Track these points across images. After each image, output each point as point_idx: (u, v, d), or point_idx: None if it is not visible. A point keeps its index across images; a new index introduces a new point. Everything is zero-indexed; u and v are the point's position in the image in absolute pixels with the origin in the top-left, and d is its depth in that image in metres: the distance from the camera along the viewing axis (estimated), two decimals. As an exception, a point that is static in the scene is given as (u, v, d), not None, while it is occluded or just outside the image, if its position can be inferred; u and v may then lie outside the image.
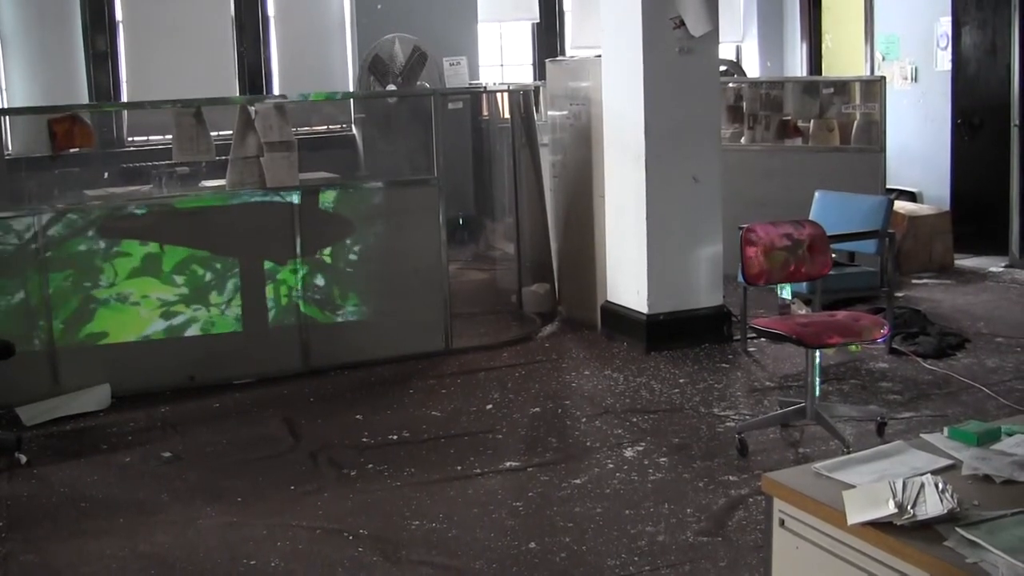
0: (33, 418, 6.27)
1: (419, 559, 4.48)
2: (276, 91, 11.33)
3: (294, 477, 5.41)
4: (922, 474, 2.72)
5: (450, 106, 10.90)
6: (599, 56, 7.62)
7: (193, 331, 6.82)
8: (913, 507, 2.56)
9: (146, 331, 6.73)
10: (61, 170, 9.28)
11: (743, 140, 9.79)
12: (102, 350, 6.65)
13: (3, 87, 10.41)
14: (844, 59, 12.28)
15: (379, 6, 11.51)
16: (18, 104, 10.39)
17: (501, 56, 12.83)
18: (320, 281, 7.08)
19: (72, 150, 6.99)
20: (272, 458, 5.70)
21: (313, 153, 9.72)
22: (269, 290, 6.97)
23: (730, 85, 10.17)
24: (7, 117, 10.12)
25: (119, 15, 10.81)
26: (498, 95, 10.57)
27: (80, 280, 6.57)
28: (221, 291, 6.86)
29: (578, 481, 5.21)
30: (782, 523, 2.90)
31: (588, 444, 5.72)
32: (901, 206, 9.55)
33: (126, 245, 6.65)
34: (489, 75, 12.48)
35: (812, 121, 9.68)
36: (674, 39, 7.14)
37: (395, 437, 5.93)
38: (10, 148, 10.17)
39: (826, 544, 2.73)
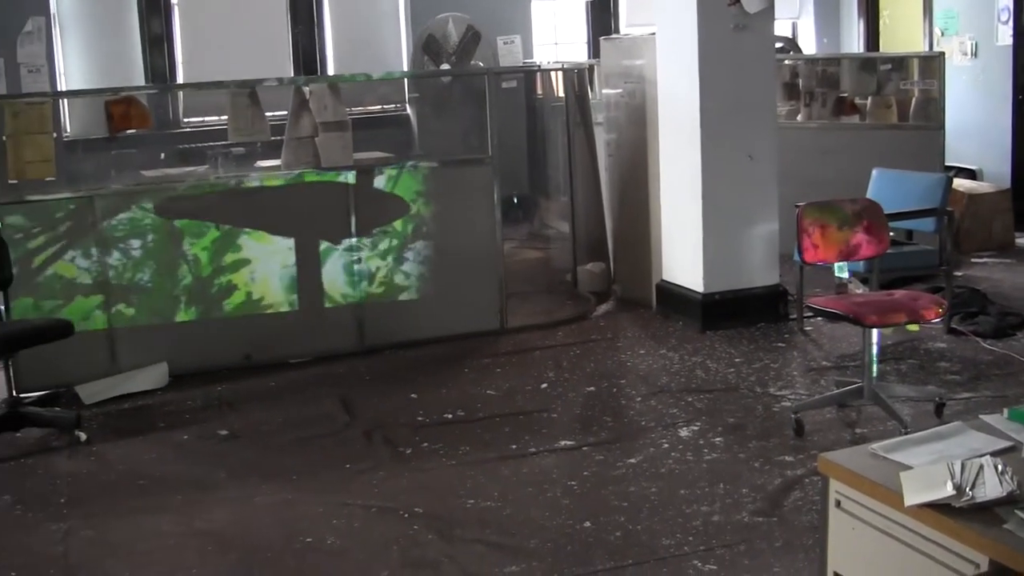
0: (92, 396, 6.35)
1: (473, 537, 4.50)
2: (331, 72, 11.37)
3: (349, 455, 5.44)
4: (981, 455, 2.70)
5: (504, 85, 10.89)
6: (653, 34, 7.57)
7: (249, 310, 6.87)
8: (972, 489, 2.54)
9: (203, 310, 6.79)
10: (118, 151, 9.41)
11: (799, 118, 9.70)
12: (160, 329, 6.72)
13: (61, 70, 10.52)
14: (902, 35, 12.13)
15: (433, -15, 11.52)
16: (75, 86, 10.51)
17: (555, 34, 12.79)
18: (375, 260, 7.11)
19: (129, 131, 7.07)
20: (327, 436, 5.74)
21: (367, 133, 9.75)
22: (324, 269, 7.01)
23: (786, 62, 10.08)
24: (65, 99, 10.26)
25: (175, -2, 10.91)
26: (552, 74, 10.55)
27: (136, 260, 6.63)
28: (277, 271, 6.90)
29: (633, 460, 5.20)
30: (838, 504, 2.88)
31: (643, 423, 5.71)
32: (960, 184, 9.42)
33: (182, 225, 6.71)
34: (543, 54, 12.45)
35: (869, 98, 9.56)
36: (729, 16, 7.07)
37: (450, 416, 5.95)
38: (68, 130, 10.32)
39: (883, 525, 2.71)
